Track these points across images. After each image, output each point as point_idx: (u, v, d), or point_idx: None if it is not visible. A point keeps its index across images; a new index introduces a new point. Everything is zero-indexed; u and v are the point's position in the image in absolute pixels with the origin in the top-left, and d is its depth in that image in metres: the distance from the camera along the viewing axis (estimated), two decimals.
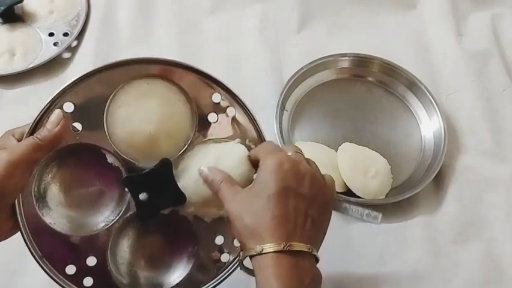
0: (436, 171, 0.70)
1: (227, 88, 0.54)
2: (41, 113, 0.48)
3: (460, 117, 0.77)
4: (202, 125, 0.54)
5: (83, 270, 0.51)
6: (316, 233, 0.47)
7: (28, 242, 0.49)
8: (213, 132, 0.54)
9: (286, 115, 0.76)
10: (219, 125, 0.54)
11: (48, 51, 0.82)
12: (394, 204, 0.69)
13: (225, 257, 0.55)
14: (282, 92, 0.76)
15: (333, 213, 0.68)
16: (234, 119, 0.55)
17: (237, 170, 0.51)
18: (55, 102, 0.48)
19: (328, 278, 0.64)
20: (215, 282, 0.54)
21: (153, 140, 0.51)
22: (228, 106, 0.54)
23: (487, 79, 0.80)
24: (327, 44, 0.84)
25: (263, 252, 0.43)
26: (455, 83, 0.80)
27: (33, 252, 0.49)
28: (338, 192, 0.68)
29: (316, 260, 0.46)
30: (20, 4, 0.85)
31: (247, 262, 0.46)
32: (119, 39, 0.85)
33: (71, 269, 0.50)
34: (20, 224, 0.49)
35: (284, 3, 0.88)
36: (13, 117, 0.54)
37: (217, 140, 0.54)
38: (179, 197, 0.51)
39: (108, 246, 0.52)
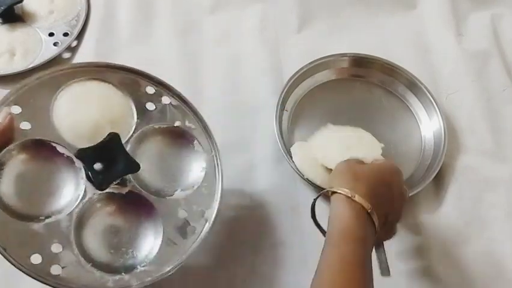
0: (436, 171, 0.70)
1: (159, 81, 0.63)
2: None
3: (460, 117, 0.77)
4: (143, 114, 0.61)
5: (49, 258, 0.51)
6: (385, 212, 0.55)
7: None
8: (154, 119, 0.62)
9: (286, 115, 0.76)
10: (159, 112, 0.62)
11: (48, 51, 0.82)
12: None
13: (190, 230, 0.58)
14: (282, 92, 0.76)
15: None
16: (170, 106, 0.63)
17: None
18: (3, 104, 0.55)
19: None
20: (187, 252, 0.57)
21: (99, 128, 0.58)
22: (162, 96, 0.63)
23: (487, 79, 0.80)
24: (327, 44, 0.84)
25: (335, 191, 0.54)
26: (455, 83, 0.80)
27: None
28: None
29: (376, 227, 0.53)
30: (20, 4, 0.85)
31: None
32: (119, 39, 0.85)
33: (36, 259, 0.51)
34: None
35: (284, 3, 0.88)
36: None
37: (159, 125, 0.62)
38: (133, 165, 0.56)
39: (71, 232, 0.53)
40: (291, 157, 0.70)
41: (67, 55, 0.83)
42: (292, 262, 0.66)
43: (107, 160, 0.55)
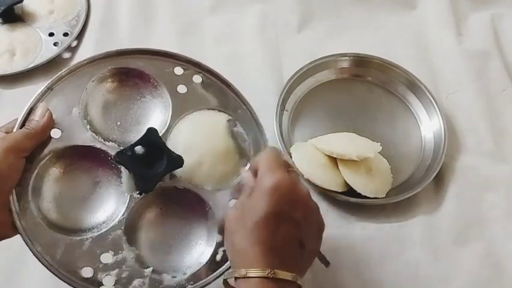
0: (436, 171, 0.70)
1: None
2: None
3: (460, 117, 0.77)
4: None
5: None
6: (306, 259, 0.47)
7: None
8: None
9: (286, 115, 0.76)
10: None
11: (48, 51, 0.82)
12: (394, 204, 0.69)
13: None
14: (282, 92, 0.76)
15: (333, 212, 0.69)
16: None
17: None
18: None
19: (328, 278, 0.64)
20: None
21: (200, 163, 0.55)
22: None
23: (487, 79, 0.80)
24: (327, 44, 0.84)
25: (247, 276, 0.43)
26: (455, 83, 0.80)
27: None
28: (338, 192, 0.68)
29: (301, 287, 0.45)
30: (20, 4, 0.85)
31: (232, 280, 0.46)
32: (119, 40, 0.85)
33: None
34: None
35: (284, 3, 0.88)
36: (13, 117, 0.54)
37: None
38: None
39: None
40: (291, 157, 0.70)
41: (67, 55, 0.83)
42: None
43: (149, 159, 0.51)
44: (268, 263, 0.43)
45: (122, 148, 0.52)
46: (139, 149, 0.51)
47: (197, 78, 0.59)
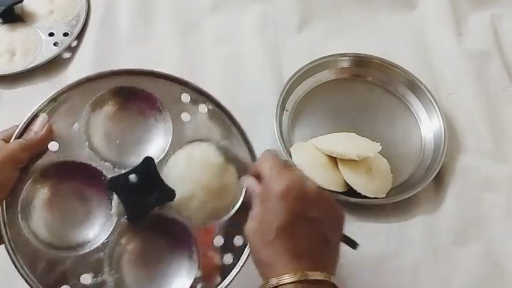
0: (436, 171, 0.70)
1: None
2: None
3: (460, 117, 0.77)
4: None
5: None
6: (333, 254, 0.47)
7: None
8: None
9: (286, 115, 0.76)
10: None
11: (48, 51, 0.82)
12: (394, 204, 0.69)
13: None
14: (282, 92, 0.76)
15: None
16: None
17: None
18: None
19: None
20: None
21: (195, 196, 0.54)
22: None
23: (487, 79, 0.80)
24: (327, 44, 0.84)
25: (279, 284, 0.42)
26: (455, 83, 0.80)
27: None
28: (338, 192, 0.68)
29: (335, 286, 0.45)
30: (20, 4, 0.85)
31: None
32: (119, 40, 0.85)
33: None
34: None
35: (284, 3, 0.88)
36: (13, 117, 0.53)
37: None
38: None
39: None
40: (291, 157, 0.70)
41: (67, 55, 0.83)
42: None
43: (141, 188, 0.51)
44: (298, 266, 0.43)
45: (116, 174, 0.51)
46: (133, 177, 0.50)
47: (203, 108, 0.57)
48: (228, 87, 0.80)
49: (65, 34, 0.84)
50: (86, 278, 0.50)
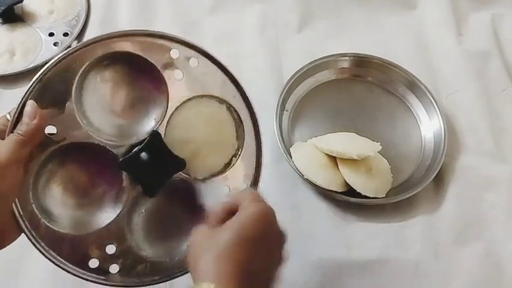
0: (436, 171, 0.70)
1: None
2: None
3: (460, 117, 0.77)
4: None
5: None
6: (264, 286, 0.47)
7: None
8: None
9: (286, 115, 0.76)
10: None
11: (48, 51, 0.82)
12: (394, 204, 0.69)
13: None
14: (282, 92, 0.76)
15: (332, 212, 0.69)
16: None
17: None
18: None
19: (327, 278, 0.64)
20: None
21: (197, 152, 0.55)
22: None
23: (487, 79, 0.80)
24: (327, 44, 0.84)
25: None
26: (455, 83, 0.80)
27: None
28: (338, 192, 0.68)
29: None
30: (20, 4, 0.85)
31: None
32: None
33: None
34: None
35: (284, 3, 0.88)
36: None
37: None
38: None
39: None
40: (291, 157, 0.70)
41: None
42: (292, 262, 0.66)
43: (152, 163, 0.52)
44: (231, 276, 0.42)
45: (126, 156, 0.51)
46: (143, 155, 0.51)
47: (193, 62, 0.55)
48: None
49: (65, 34, 0.84)
50: (112, 248, 0.53)
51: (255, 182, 0.58)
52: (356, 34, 0.86)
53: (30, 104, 0.48)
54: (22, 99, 0.48)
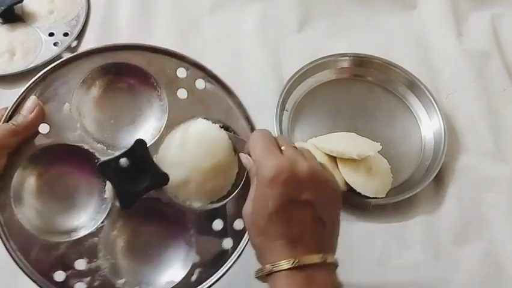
0: (436, 171, 0.70)
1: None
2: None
3: (460, 117, 0.77)
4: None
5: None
6: (329, 235, 0.46)
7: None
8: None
9: (286, 115, 0.76)
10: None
11: (48, 51, 0.82)
12: (394, 204, 0.69)
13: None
14: (282, 92, 0.76)
15: None
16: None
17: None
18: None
19: None
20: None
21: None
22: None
23: (487, 79, 0.80)
24: (327, 44, 0.84)
25: (274, 271, 0.42)
26: (455, 83, 0.80)
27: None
28: None
29: (335, 265, 0.44)
30: (20, 4, 0.85)
31: None
32: (119, 40, 0.85)
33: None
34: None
35: (284, 3, 0.88)
36: None
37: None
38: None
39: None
40: None
41: (67, 55, 0.83)
42: None
43: (133, 172, 0.49)
44: (292, 252, 0.42)
45: (107, 158, 0.49)
46: (123, 161, 0.48)
47: (200, 83, 0.53)
48: None
49: (65, 34, 0.84)
50: (81, 264, 0.49)
51: None
52: (356, 34, 0.86)
53: (32, 100, 0.49)
54: (22, 93, 0.49)
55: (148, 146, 0.50)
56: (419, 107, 0.77)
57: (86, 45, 0.84)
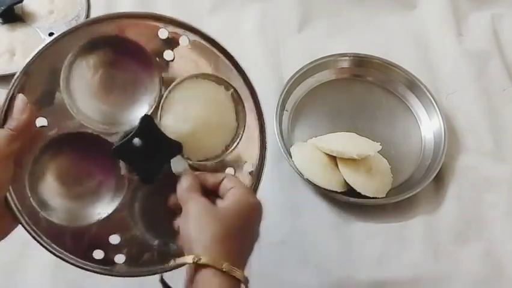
0: (436, 171, 0.70)
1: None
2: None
3: (460, 117, 0.77)
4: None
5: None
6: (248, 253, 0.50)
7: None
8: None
9: (286, 115, 0.76)
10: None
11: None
12: (394, 204, 0.69)
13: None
14: (282, 92, 0.76)
15: (332, 212, 0.69)
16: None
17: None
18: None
19: (327, 278, 0.64)
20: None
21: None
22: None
23: (487, 79, 0.80)
24: (327, 44, 0.84)
25: (197, 262, 0.43)
26: (455, 83, 0.80)
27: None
28: (338, 192, 0.68)
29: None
30: (20, 4, 0.85)
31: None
32: None
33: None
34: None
35: (284, 3, 0.88)
36: None
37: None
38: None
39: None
40: (291, 157, 0.70)
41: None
42: (292, 262, 0.66)
43: (147, 148, 0.49)
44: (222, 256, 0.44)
45: (119, 142, 0.49)
46: (136, 141, 0.49)
47: (184, 40, 0.52)
48: None
49: None
50: (115, 239, 0.51)
51: (260, 166, 0.55)
52: (356, 34, 0.86)
53: (20, 98, 0.47)
54: (9, 94, 0.47)
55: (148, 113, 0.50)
56: (419, 107, 0.77)
57: None
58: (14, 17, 0.85)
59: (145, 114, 0.50)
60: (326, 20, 0.87)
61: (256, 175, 0.54)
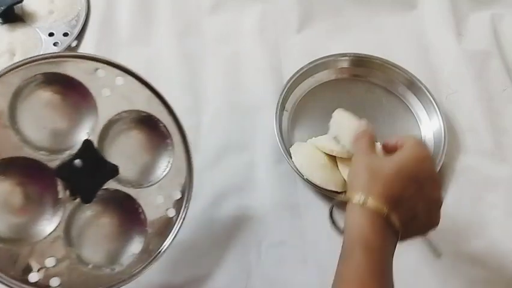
0: (436, 171, 0.70)
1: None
2: None
3: (460, 117, 0.77)
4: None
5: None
6: (412, 228, 0.53)
7: None
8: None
9: (286, 115, 0.76)
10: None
11: (48, 51, 0.82)
12: None
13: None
14: (282, 92, 0.76)
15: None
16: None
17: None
18: None
19: (327, 279, 0.64)
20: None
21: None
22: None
23: (487, 79, 0.80)
24: (327, 44, 0.84)
25: (364, 204, 0.48)
26: (455, 83, 0.80)
27: None
28: (338, 192, 0.68)
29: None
30: (20, 4, 0.85)
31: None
32: (119, 39, 0.85)
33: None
34: None
35: (284, 3, 0.88)
36: None
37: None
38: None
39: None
40: (291, 157, 0.70)
41: None
42: (292, 262, 0.66)
43: (87, 171, 0.55)
44: (378, 195, 0.49)
45: (62, 162, 0.53)
46: (78, 162, 0.54)
47: (119, 80, 0.59)
48: (228, 87, 0.80)
49: (65, 34, 0.84)
50: (51, 261, 0.53)
51: (189, 187, 0.61)
52: (356, 34, 0.86)
53: None
54: None
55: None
56: (419, 107, 0.77)
57: (86, 45, 0.84)
58: (14, 17, 0.85)
59: (87, 139, 0.55)
60: (325, 20, 0.87)
61: (185, 200, 0.61)
